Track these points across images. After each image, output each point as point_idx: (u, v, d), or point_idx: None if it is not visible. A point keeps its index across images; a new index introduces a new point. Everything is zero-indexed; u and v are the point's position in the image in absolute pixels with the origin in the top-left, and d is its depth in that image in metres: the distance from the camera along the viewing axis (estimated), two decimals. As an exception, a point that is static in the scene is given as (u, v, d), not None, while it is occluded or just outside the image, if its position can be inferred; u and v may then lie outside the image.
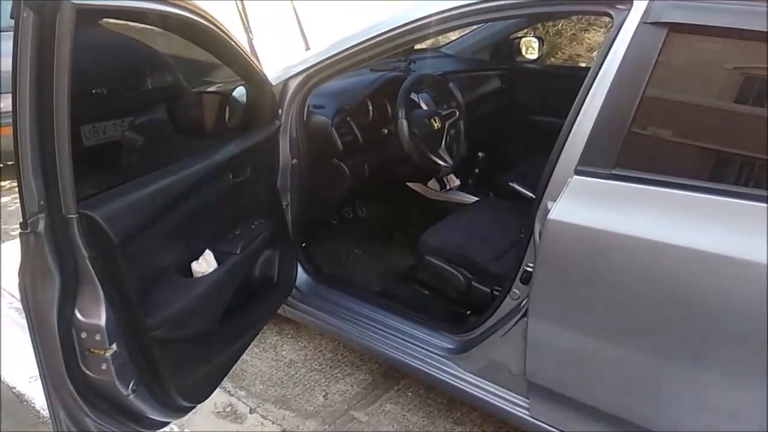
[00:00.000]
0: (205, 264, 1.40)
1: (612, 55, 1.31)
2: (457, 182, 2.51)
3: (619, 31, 1.31)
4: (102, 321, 1.11)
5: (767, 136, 1.16)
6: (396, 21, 1.68)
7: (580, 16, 5.59)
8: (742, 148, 1.24)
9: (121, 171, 1.66)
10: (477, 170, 2.55)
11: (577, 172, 1.34)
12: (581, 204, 1.32)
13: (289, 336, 2.38)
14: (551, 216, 1.34)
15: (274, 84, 1.87)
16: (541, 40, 3.05)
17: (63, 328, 1.09)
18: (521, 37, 3.00)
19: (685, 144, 1.33)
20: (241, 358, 2.23)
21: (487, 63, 2.95)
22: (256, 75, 1.64)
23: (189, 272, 1.40)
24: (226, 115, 1.57)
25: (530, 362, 1.52)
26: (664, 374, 1.28)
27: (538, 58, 3.04)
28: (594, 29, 7.11)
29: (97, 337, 1.11)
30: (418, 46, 2.77)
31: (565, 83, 2.92)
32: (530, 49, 3.06)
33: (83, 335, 1.12)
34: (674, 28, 1.23)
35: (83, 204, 1.08)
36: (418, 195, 2.63)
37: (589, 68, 1.37)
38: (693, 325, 1.21)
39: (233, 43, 1.46)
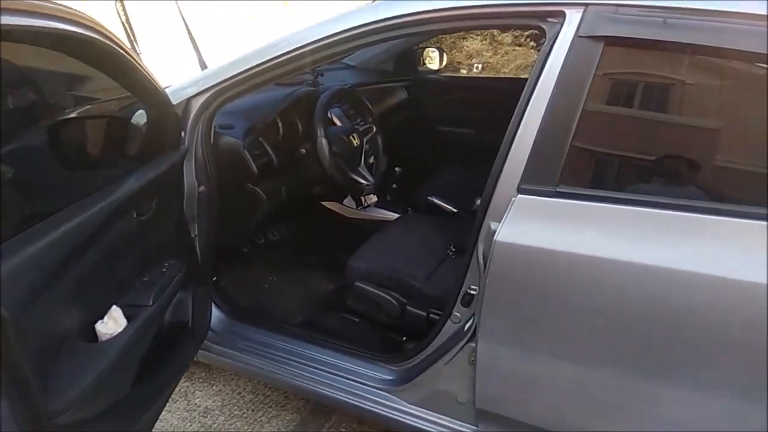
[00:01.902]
0: (113, 323, 1.18)
1: (548, 70, 1.28)
2: (375, 198, 2.41)
3: (552, 45, 1.27)
4: None
5: (706, 146, 1.18)
6: (312, 35, 1.55)
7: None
8: (683, 158, 1.25)
9: None
10: (394, 185, 2.47)
11: (521, 191, 1.29)
12: (528, 224, 1.27)
13: (201, 380, 2.15)
14: (498, 237, 1.28)
15: (174, 104, 1.66)
16: (441, 50, 3.05)
17: None
18: (423, 48, 2.97)
19: (627, 158, 1.33)
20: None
21: (391, 74, 2.89)
22: (159, 96, 1.43)
23: (94, 335, 1.17)
24: (126, 144, 1.35)
25: (480, 389, 1.45)
26: (623, 394, 1.26)
27: (439, 69, 3.03)
28: (471, 38, 7.40)
29: (-15, 436, 0.88)
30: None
31: (469, 93, 2.97)
32: (429, 59, 3.06)
33: (-34, 437, 0.87)
34: (610, 41, 1.22)
35: None
36: (334, 214, 2.50)
37: (489, 78, 1.35)
38: (651, 342, 1.20)
39: (133, 61, 1.25)
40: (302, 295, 2.19)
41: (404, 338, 1.83)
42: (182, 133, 1.68)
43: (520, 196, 1.29)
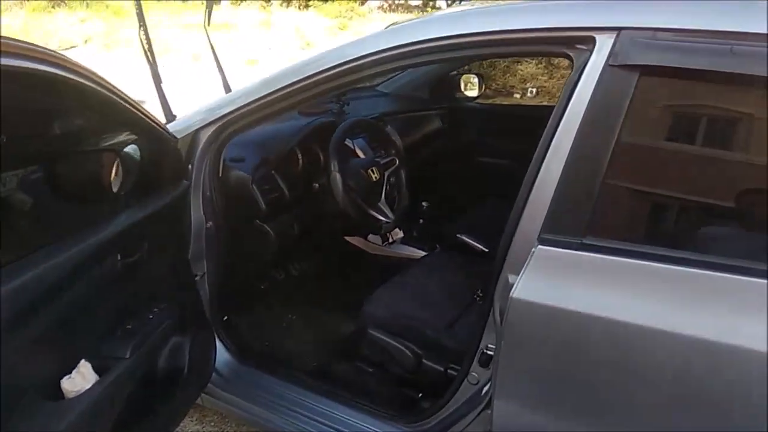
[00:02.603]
0: (81, 378, 1.08)
1: (575, 103, 1.11)
2: (401, 234, 2.27)
3: (580, 75, 1.11)
4: None
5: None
6: (326, 61, 1.44)
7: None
8: (735, 207, 1.05)
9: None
10: (421, 221, 2.32)
11: (542, 241, 1.12)
12: (549, 280, 1.10)
13: (213, 423, 2.04)
14: (515, 294, 1.11)
15: (181, 136, 1.58)
16: (480, 76, 2.89)
17: None
18: (461, 74, 2.83)
19: (666, 206, 1.13)
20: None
21: (426, 102, 2.75)
22: (152, 130, 1.35)
23: (59, 392, 1.07)
24: (114, 180, 1.27)
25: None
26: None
27: (479, 96, 2.88)
28: (526, 62, 7.21)
29: None
30: (351, 85, 2.55)
31: (510, 122, 2.80)
32: (470, 85, 2.91)
33: None
34: (647, 71, 1.04)
35: None
36: (358, 250, 2.37)
37: (531, 106, 1.19)
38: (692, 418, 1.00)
39: (114, 97, 1.17)
40: (319, 336, 2.05)
41: (420, 395, 1.66)
42: (189, 167, 1.61)
43: (540, 247, 1.12)
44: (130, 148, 1.33)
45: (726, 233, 1.08)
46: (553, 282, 1.10)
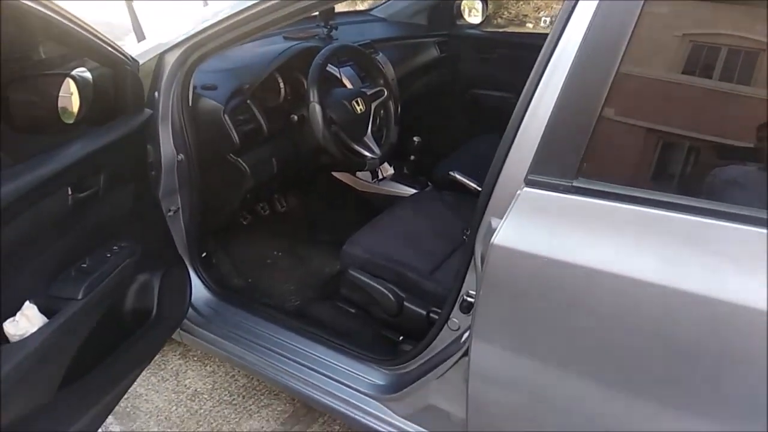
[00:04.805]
0: (25, 321, 1.01)
1: (571, 29, 0.98)
2: (391, 171, 2.15)
3: (578, -1, 0.97)
4: None
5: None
6: None
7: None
8: (751, 147, 0.93)
9: None
10: (412, 157, 2.19)
11: (528, 183, 1.01)
12: (534, 225, 1.00)
13: (196, 359, 2.01)
14: (496, 240, 1.02)
15: (144, 60, 1.45)
16: (485, 1, 2.68)
17: None
18: (464, -2, 2.62)
19: (674, 145, 1.01)
20: (133, 392, 1.87)
21: (424, 28, 2.56)
22: (105, 53, 1.22)
23: (3, 335, 1.01)
24: (64, 108, 1.15)
25: (473, 412, 1.22)
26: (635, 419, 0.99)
27: (482, 22, 2.68)
28: (541, -13, 6.79)
29: None
30: (341, 8, 2.36)
31: (513, 51, 2.61)
32: (473, 11, 2.70)
33: None
34: (656, -9, 0.90)
35: None
36: (346, 186, 2.26)
37: (537, 34, 1.05)
38: (677, 370, 0.93)
39: (57, 17, 1.03)
40: (303, 275, 1.99)
41: (401, 338, 1.60)
42: (156, 94, 1.49)
43: (526, 189, 1.01)
44: (82, 73, 1.20)
45: (739, 177, 0.96)
46: (538, 228, 1.00)
